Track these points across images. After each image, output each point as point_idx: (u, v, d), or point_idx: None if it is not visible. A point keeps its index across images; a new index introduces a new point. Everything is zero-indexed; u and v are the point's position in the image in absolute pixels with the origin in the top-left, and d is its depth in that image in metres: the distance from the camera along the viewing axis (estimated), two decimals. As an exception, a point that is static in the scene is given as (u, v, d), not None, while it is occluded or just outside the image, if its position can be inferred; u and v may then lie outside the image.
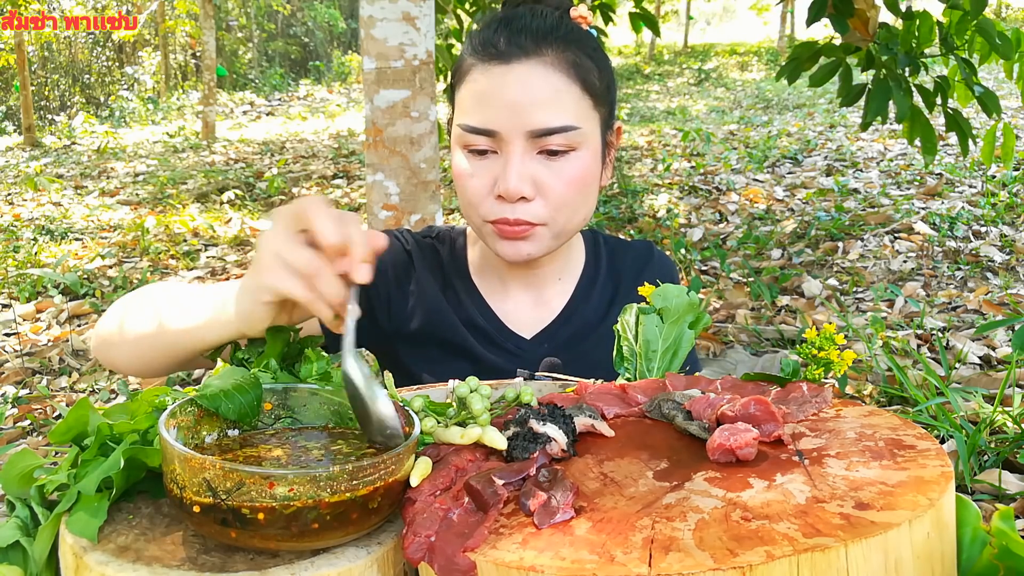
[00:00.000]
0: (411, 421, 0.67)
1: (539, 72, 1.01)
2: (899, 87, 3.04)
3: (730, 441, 0.61)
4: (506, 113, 1.00)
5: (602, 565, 0.49)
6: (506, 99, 1.00)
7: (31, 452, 0.69)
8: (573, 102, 1.02)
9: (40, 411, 2.79)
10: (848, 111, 8.66)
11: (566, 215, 1.05)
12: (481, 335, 1.17)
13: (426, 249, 1.23)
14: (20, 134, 11.49)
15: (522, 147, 1.01)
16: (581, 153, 1.04)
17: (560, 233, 1.07)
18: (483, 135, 1.02)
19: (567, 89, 1.02)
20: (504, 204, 1.02)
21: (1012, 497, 1.58)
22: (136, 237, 5.22)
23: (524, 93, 1.00)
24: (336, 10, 17.92)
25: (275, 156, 8.51)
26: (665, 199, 5.58)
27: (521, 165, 1.00)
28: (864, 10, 3.03)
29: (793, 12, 16.79)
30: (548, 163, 1.02)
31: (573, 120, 1.02)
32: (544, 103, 1.00)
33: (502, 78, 1.01)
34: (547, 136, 1.00)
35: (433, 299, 1.19)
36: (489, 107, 1.01)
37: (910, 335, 2.83)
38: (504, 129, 1.00)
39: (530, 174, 1.01)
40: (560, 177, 1.02)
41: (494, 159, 1.03)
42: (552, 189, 1.02)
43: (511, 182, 1.00)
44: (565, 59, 1.02)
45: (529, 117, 1.00)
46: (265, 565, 0.57)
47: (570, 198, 1.04)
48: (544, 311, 1.20)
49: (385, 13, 2.69)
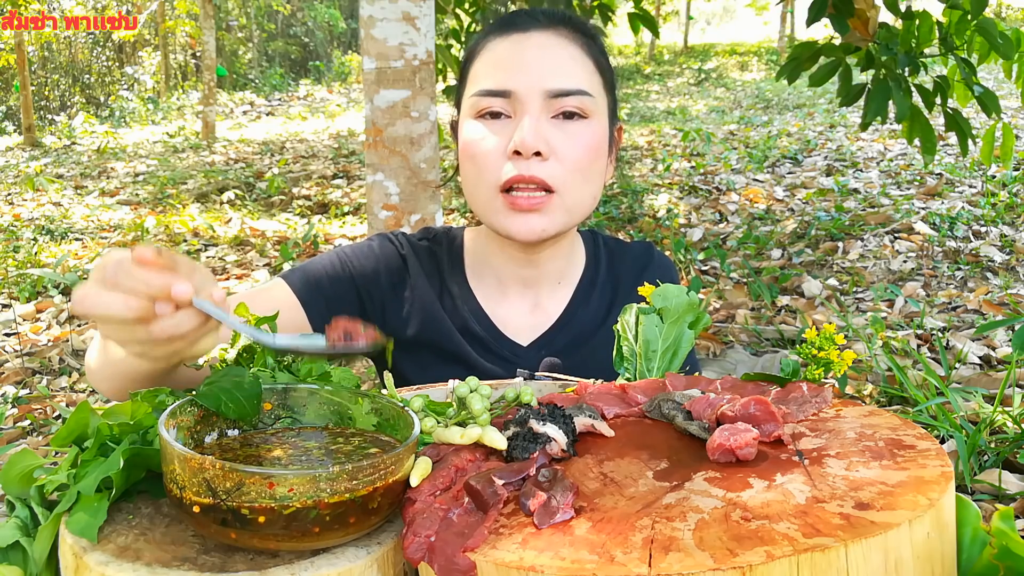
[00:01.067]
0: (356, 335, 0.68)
1: (556, 40, 1.05)
2: (899, 87, 3.04)
3: (730, 441, 0.61)
4: (523, 73, 1.02)
5: (602, 565, 0.49)
6: (524, 60, 1.03)
7: (31, 452, 0.69)
8: (587, 73, 1.06)
9: (40, 411, 2.79)
10: (848, 111, 8.66)
11: (577, 184, 1.05)
12: (477, 342, 1.15)
13: (422, 252, 1.21)
14: (20, 134, 11.49)
15: (539, 106, 1.02)
16: (593, 122, 1.05)
17: (571, 208, 1.06)
18: (499, 96, 1.03)
19: (582, 60, 1.06)
20: (519, 161, 1.02)
21: (1012, 497, 1.58)
22: (136, 237, 5.22)
23: (542, 55, 1.03)
24: (336, 10, 17.91)
25: (275, 156, 8.51)
26: (665, 199, 5.58)
27: (536, 122, 1.02)
28: (864, 10, 3.04)
29: (793, 12, 16.79)
30: (563, 126, 1.03)
31: (587, 87, 1.04)
32: (561, 66, 1.03)
33: (521, 43, 1.05)
34: (563, 97, 1.02)
35: (429, 306, 1.17)
36: (507, 69, 1.04)
37: (910, 335, 2.83)
38: (521, 88, 1.02)
39: (545, 134, 1.02)
40: (574, 140, 1.03)
41: (507, 123, 1.04)
42: (566, 151, 1.03)
43: (527, 135, 1.00)
44: (578, 38, 1.07)
45: (546, 78, 1.02)
46: (265, 565, 0.57)
47: (583, 164, 1.04)
48: (541, 317, 1.18)
49: (385, 13, 2.69)
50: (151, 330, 0.64)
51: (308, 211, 6.04)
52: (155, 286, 0.63)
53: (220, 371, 0.73)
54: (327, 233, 5.23)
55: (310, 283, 1.13)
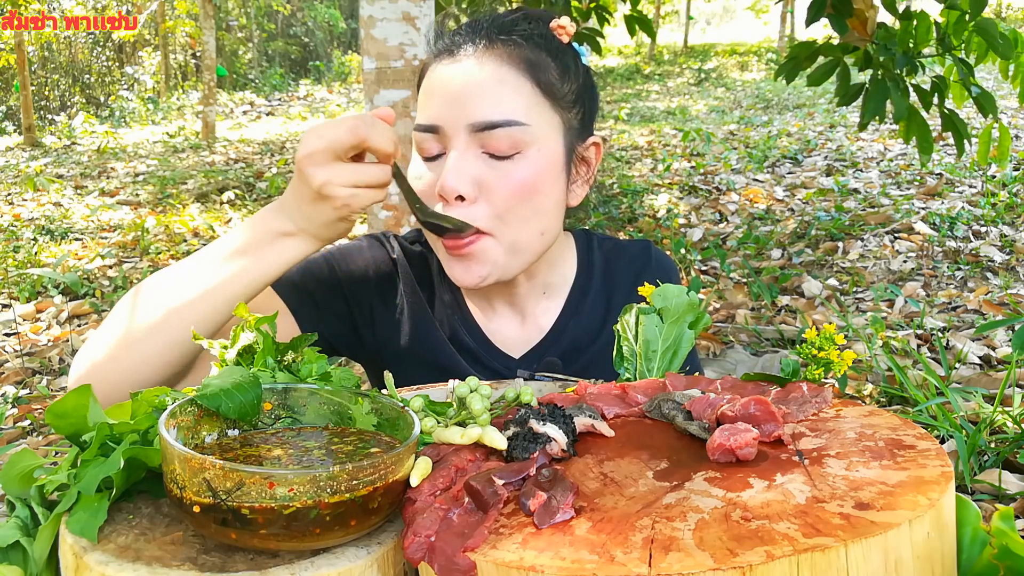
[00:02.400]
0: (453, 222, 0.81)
1: (485, 63, 0.95)
2: (897, 87, 3.04)
3: (730, 441, 0.61)
4: (447, 106, 0.94)
5: (602, 565, 0.49)
6: (449, 91, 0.95)
7: (31, 452, 0.69)
8: (522, 97, 0.95)
9: (40, 411, 2.79)
10: (848, 111, 8.66)
11: (514, 226, 0.96)
12: (468, 355, 1.11)
13: (414, 258, 1.15)
14: (20, 134, 11.49)
15: (464, 142, 0.94)
16: (529, 156, 0.95)
17: (514, 249, 0.98)
18: (428, 132, 0.96)
19: (515, 82, 0.95)
20: (447, 208, 0.95)
21: (1012, 497, 1.58)
22: (136, 237, 5.22)
23: (465, 83, 0.94)
24: (336, 10, 17.92)
25: (275, 156, 8.51)
26: (665, 199, 5.58)
27: (460, 161, 0.93)
28: (863, 10, 3.04)
29: (793, 12, 16.79)
30: (493, 163, 0.94)
31: (520, 116, 0.93)
32: (486, 94, 0.93)
33: (448, 71, 0.96)
34: (489, 130, 0.92)
35: (420, 316, 1.12)
36: (433, 102, 0.96)
37: (910, 335, 2.83)
38: (446, 123, 0.94)
39: (471, 172, 0.93)
40: (505, 179, 0.94)
41: (441, 161, 0.97)
42: (495, 191, 0.94)
43: (448, 178, 0.92)
44: (518, 54, 0.96)
45: (470, 108, 0.93)
46: (265, 565, 0.57)
47: (516, 205, 0.95)
48: (532, 330, 1.12)
49: (385, 13, 2.69)
50: (384, 169, 0.81)
51: (308, 211, 6.03)
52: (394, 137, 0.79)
53: (221, 371, 0.73)
54: (327, 233, 5.22)
55: (298, 289, 1.08)
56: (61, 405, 0.66)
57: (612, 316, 1.13)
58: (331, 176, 0.80)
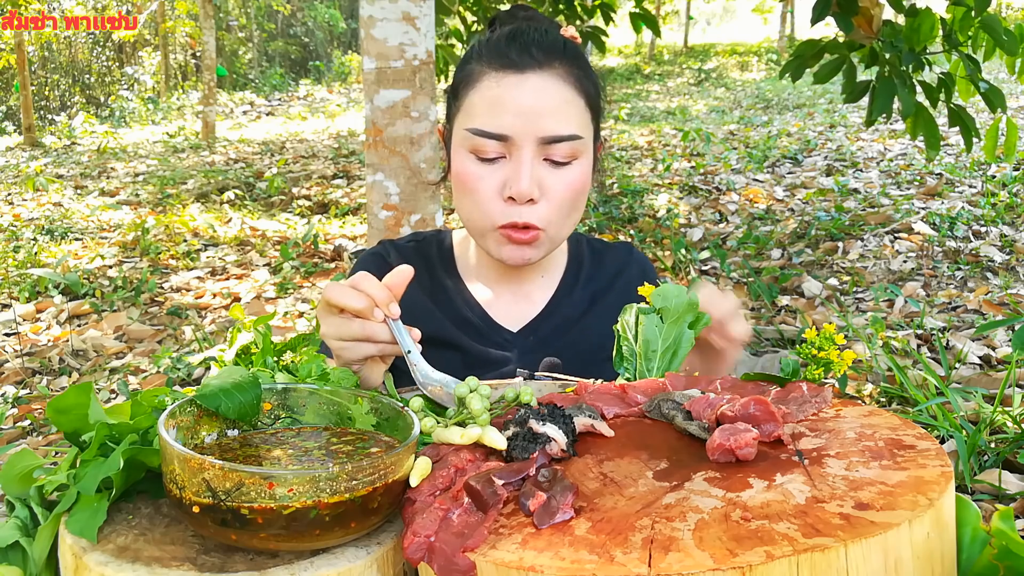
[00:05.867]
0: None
1: (551, 83, 1.08)
2: (903, 84, 3.04)
3: (730, 441, 0.61)
4: (520, 119, 1.06)
5: (602, 565, 0.49)
6: (520, 106, 1.06)
7: (31, 452, 0.69)
8: (578, 113, 1.10)
9: (40, 411, 2.79)
10: (848, 111, 8.66)
11: (563, 219, 1.13)
12: (471, 328, 1.22)
13: (408, 252, 1.29)
14: (20, 134, 11.49)
15: (532, 152, 1.07)
16: (581, 162, 1.11)
17: (555, 238, 1.15)
18: (495, 139, 1.08)
19: (574, 101, 1.10)
20: (513, 207, 1.09)
21: (1012, 497, 1.58)
22: (136, 237, 5.22)
23: (537, 101, 1.07)
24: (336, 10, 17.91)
25: (275, 156, 8.51)
26: (665, 199, 5.58)
27: (530, 168, 1.07)
28: (868, 8, 3.04)
29: (793, 12, 16.79)
30: (552, 169, 1.09)
31: (577, 130, 1.09)
32: (554, 112, 1.07)
33: (517, 87, 1.07)
34: (555, 143, 1.07)
35: (419, 300, 1.23)
36: (503, 113, 1.07)
37: (910, 335, 2.83)
38: (517, 134, 1.06)
39: (538, 177, 1.08)
40: (563, 182, 1.09)
41: (502, 164, 1.09)
42: (556, 193, 1.09)
43: (524, 184, 1.06)
44: (572, 73, 1.10)
45: (541, 124, 1.06)
46: (265, 565, 0.57)
47: (569, 203, 1.11)
48: (529, 307, 1.26)
49: (385, 13, 2.69)
50: (363, 325, 0.87)
51: (308, 211, 6.04)
52: (381, 297, 0.87)
53: (220, 371, 0.73)
54: (327, 233, 5.23)
55: None
56: (62, 400, 0.66)
57: (598, 298, 1.28)
58: (325, 329, 0.90)
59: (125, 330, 3.66)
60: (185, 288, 4.29)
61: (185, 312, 3.87)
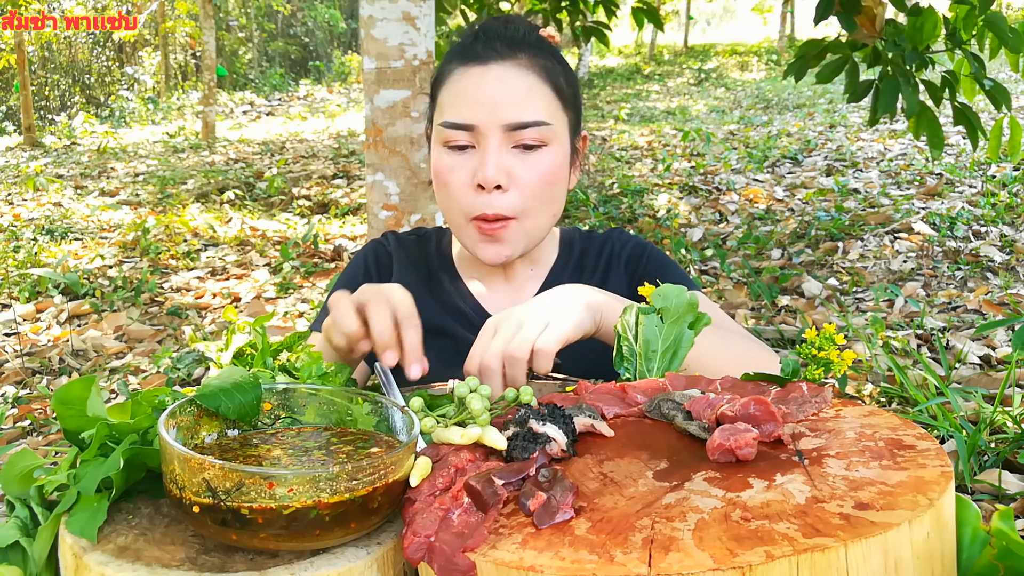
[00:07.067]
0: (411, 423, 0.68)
1: (514, 72, 1.12)
2: (907, 82, 3.04)
3: (730, 441, 0.61)
4: (484, 108, 1.10)
5: (602, 565, 0.49)
6: (484, 95, 1.10)
7: (31, 452, 0.69)
8: (545, 101, 1.13)
9: (40, 411, 2.79)
10: (848, 111, 8.66)
11: (536, 209, 1.15)
12: (463, 318, 1.26)
13: (408, 245, 1.35)
14: (20, 134, 11.48)
15: (498, 140, 1.10)
16: (552, 148, 1.13)
17: (530, 230, 1.16)
18: (463, 130, 1.11)
19: (539, 88, 1.12)
20: (482, 195, 1.11)
21: (1012, 497, 1.58)
22: (136, 237, 5.22)
23: (500, 90, 1.10)
24: (336, 10, 17.91)
25: (275, 156, 8.50)
26: (665, 199, 5.58)
27: (497, 156, 1.10)
28: (871, 7, 3.04)
29: (793, 12, 16.78)
30: (522, 156, 1.12)
31: (544, 116, 1.11)
32: (518, 99, 1.10)
33: (480, 77, 1.11)
34: (521, 130, 1.10)
35: (414, 288, 1.27)
36: (468, 103, 1.11)
37: (910, 335, 2.83)
38: (482, 123, 1.10)
39: (505, 165, 1.10)
40: (532, 169, 1.12)
41: (472, 154, 1.13)
42: (525, 180, 1.11)
43: (489, 170, 1.09)
44: (537, 63, 1.13)
45: (505, 112, 1.09)
46: (265, 565, 0.57)
47: (540, 190, 1.13)
48: (520, 297, 1.30)
49: (385, 13, 2.69)
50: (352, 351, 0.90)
51: (308, 211, 6.04)
52: (384, 337, 0.87)
53: (220, 371, 0.73)
54: (327, 233, 5.23)
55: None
56: (67, 392, 0.66)
57: (584, 281, 1.31)
58: (327, 327, 0.94)
59: (125, 330, 3.66)
60: (185, 288, 4.29)
61: (185, 312, 3.87)
